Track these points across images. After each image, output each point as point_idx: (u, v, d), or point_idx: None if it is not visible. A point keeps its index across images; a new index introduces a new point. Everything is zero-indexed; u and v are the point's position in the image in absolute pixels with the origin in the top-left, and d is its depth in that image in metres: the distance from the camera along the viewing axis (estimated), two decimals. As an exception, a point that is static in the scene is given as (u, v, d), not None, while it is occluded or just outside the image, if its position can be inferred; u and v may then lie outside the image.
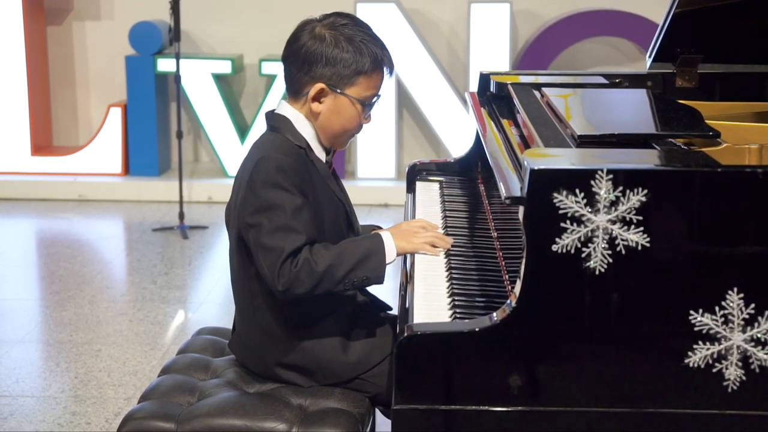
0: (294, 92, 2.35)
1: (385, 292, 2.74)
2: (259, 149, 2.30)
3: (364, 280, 2.26)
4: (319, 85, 2.30)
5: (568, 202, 1.86)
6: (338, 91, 2.30)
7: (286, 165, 2.23)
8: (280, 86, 6.31)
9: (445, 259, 2.40)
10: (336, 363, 2.33)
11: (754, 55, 3.01)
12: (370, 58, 2.30)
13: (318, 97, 2.31)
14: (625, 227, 1.86)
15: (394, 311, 2.49)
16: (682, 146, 2.17)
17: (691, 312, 1.89)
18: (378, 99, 2.37)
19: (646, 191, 1.86)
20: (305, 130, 2.34)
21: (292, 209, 2.21)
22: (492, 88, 3.10)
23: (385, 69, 2.35)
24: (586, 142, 2.16)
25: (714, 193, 1.88)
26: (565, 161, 1.94)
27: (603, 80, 3.00)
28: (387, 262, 2.29)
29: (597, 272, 1.88)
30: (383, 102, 6.45)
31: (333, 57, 2.28)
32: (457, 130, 6.45)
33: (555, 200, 1.86)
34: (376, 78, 2.33)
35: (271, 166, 2.22)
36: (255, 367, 2.40)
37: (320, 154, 2.37)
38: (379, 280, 2.28)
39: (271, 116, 2.37)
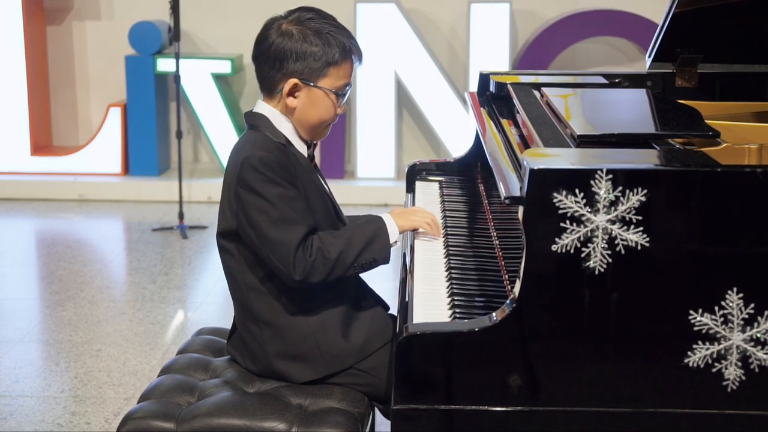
0: (268, 90, 2.39)
1: (385, 292, 2.74)
2: (241, 150, 2.33)
3: (371, 262, 2.34)
4: (293, 81, 2.33)
5: (567, 202, 1.86)
6: (311, 84, 2.34)
7: (271, 160, 2.27)
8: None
9: (445, 259, 2.40)
10: (337, 348, 2.34)
11: (754, 55, 3.01)
12: (338, 48, 2.34)
13: (292, 92, 2.35)
14: (625, 227, 1.86)
15: (393, 311, 2.49)
16: (682, 146, 2.17)
17: (691, 312, 1.89)
18: (350, 87, 2.40)
19: (645, 191, 1.85)
20: (283, 126, 2.38)
21: (287, 200, 2.26)
22: (492, 88, 3.10)
23: (353, 57, 2.38)
24: (585, 141, 2.16)
25: (714, 193, 1.88)
26: (564, 161, 1.94)
27: (603, 80, 3.00)
28: (391, 242, 2.37)
29: (596, 272, 1.88)
30: (383, 102, 6.51)
31: (302, 51, 2.32)
32: (457, 130, 6.45)
33: (555, 200, 1.86)
34: (346, 67, 2.37)
35: (256, 163, 2.26)
36: (254, 363, 2.40)
37: (301, 148, 2.40)
38: (386, 260, 2.36)
39: (250, 115, 2.41)
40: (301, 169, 2.35)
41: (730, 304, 1.89)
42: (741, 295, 1.88)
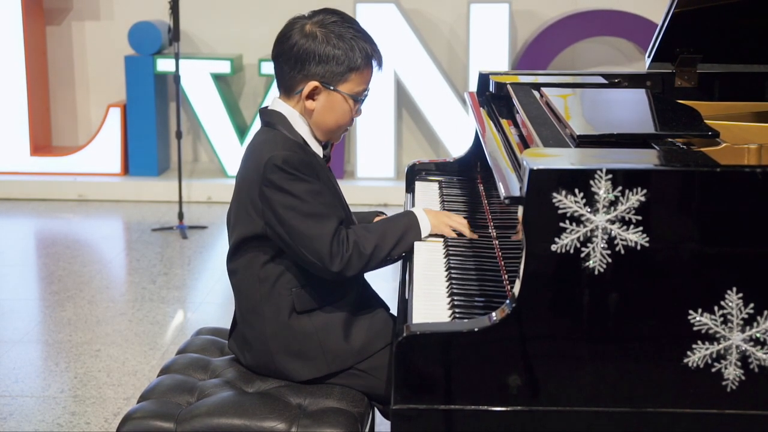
0: (286, 89, 2.38)
1: (385, 292, 2.74)
2: (261, 149, 2.32)
3: (402, 255, 2.38)
4: (313, 83, 2.33)
5: (567, 202, 1.86)
6: (332, 88, 2.34)
7: (295, 159, 2.28)
8: (279, 86, 6.31)
9: (445, 259, 2.40)
10: (340, 348, 2.35)
11: (753, 55, 3.01)
12: (361, 54, 2.34)
13: (312, 95, 2.35)
14: (625, 227, 1.86)
15: (393, 311, 2.49)
16: (682, 146, 2.17)
17: (691, 312, 1.89)
18: (368, 93, 2.40)
19: (645, 191, 1.85)
20: (300, 127, 2.37)
21: (314, 195, 2.28)
22: (491, 88, 3.10)
23: (375, 64, 2.38)
24: (585, 141, 2.16)
25: (713, 193, 1.88)
26: (564, 161, 1.94)
27: (602, 80, 3.00)
28: (423, 236, 2.41)
29: (596, 272, 1.88)
30: (382, 102, 6.52)
31: (325, 55, 2.31)
32: (457, 130, 6.46)
33: (554, 200, 1.86)
34: (367, 73, 2.38)
35: (281, 163, 2.26)
36: (255, 359, 2.40)
37: (317, 149, 2.40)
38: None
39: (266, 113, 2.40)
40: (319, 168, 2.36)
41: (730, 304, 1.89)
42: (741, 295, 1.88)
